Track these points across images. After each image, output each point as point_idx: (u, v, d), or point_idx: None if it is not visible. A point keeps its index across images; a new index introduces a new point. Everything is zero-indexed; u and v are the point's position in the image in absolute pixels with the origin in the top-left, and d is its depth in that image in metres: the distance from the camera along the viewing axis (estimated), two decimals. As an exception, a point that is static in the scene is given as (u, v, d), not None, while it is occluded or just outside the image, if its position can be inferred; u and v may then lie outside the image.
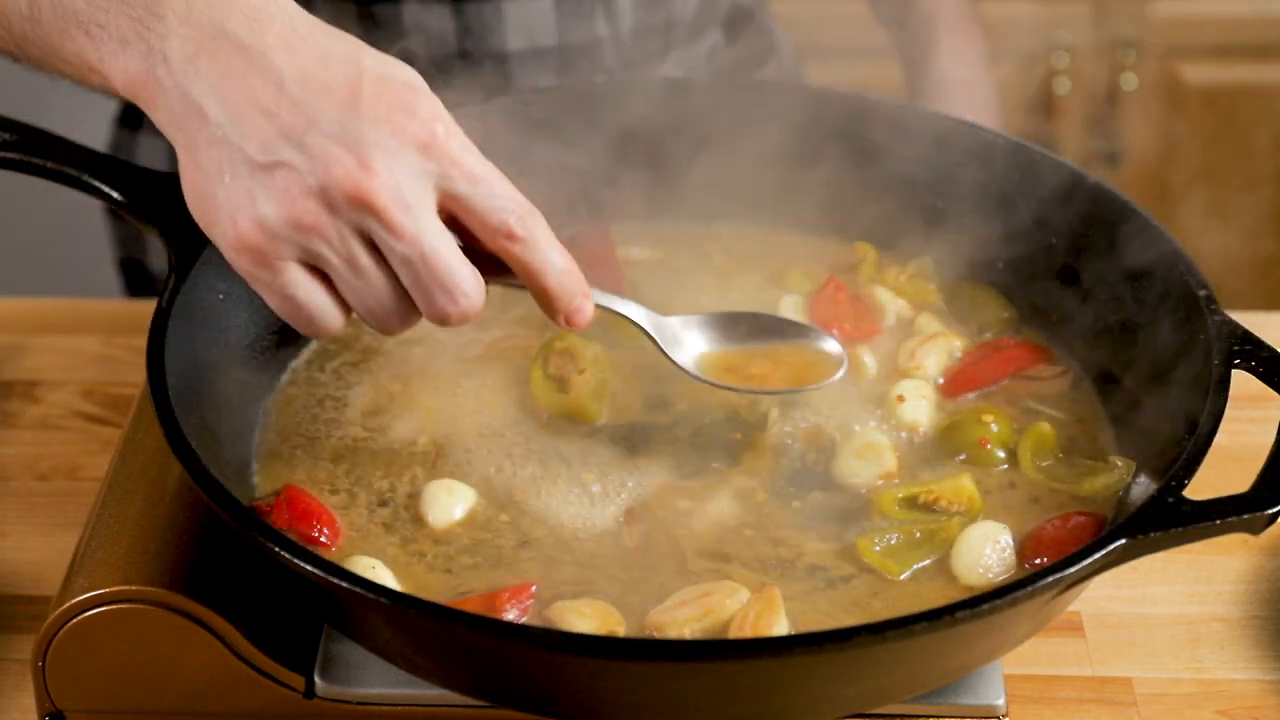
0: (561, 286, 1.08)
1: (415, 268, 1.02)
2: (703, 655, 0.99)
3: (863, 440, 1.20)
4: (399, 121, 1.01)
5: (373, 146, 1.00)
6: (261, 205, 1.00)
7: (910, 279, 1.35)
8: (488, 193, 1.03)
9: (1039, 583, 0.99)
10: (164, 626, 1.11)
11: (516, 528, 1.16)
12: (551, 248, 1.07)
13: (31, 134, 1.28)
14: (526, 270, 1.06)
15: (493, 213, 1.04)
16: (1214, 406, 1.10)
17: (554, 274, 1.07)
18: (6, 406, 1.46)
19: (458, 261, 1.03)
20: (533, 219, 1.05)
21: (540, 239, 1.06)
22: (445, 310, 1.04)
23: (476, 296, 1.04)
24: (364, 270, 1.03)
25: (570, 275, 1.08)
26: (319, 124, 1.00)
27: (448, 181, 1.02)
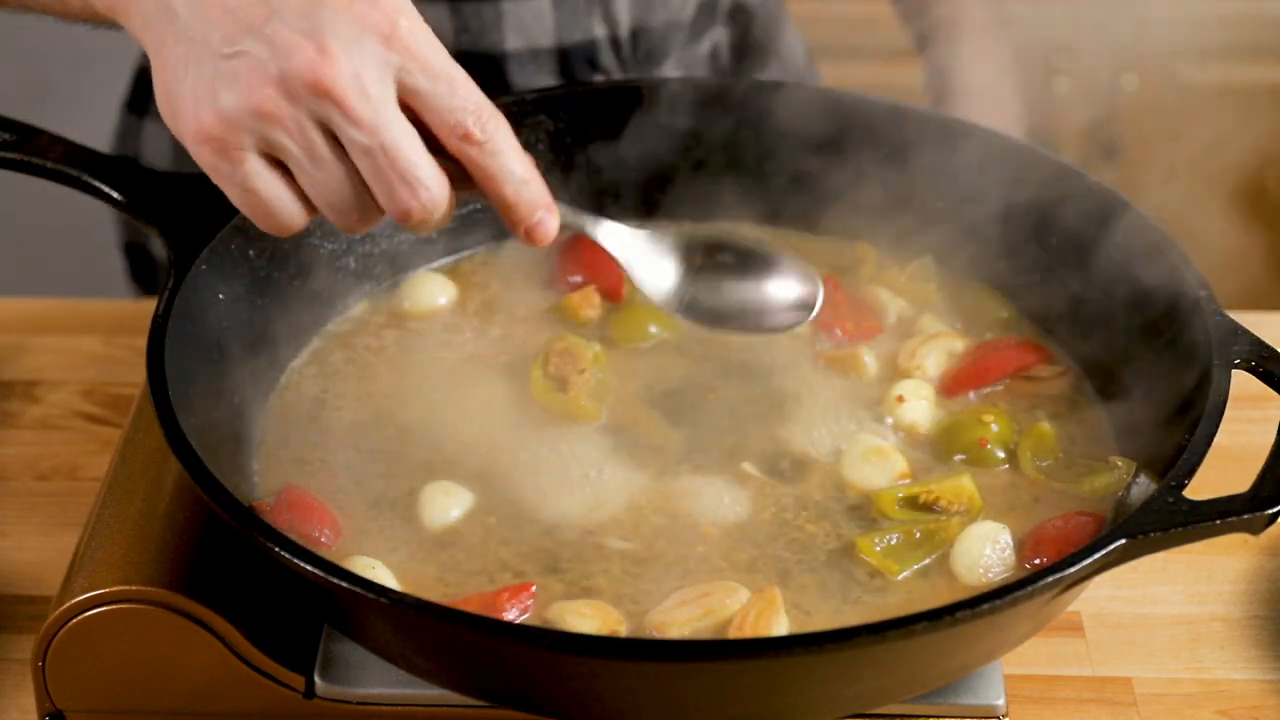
0: (519, 196, 1.05)
1: (375, 158, 1.01)
2: (703, 655, 0.99)
3: (869, 444, 1.20)
4: (360, 11, 1.00)
5: (332, 35, 0.99)
6: (222, 95, 1.00)
7: (910, 279, 1.35)
8: (447, 90, 1.02)
9: (1039, 583, 0.99)
10: (164, 626, 1.11)
11: (516, 528, 1.16)
12: (512, 154, 1.04)
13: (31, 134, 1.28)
14: (484, 176, 1.04)
15: (451, 111, 1.02)
16: (1214, 407, 1.10)
17: (513, 182, 1.04)
18: (6, 406, 1.46)
19: (418, 153, 1.01)
20: (494, 122, 1.03)
21: (500, 143, 1.03)
22: (406, 204, 1.02)
23: (438, 191, 1.02)
24: (323, 161, 1.01)
25: (531, 185, 1.05)
26: (280, 14, 1.00)
27: (407, 74, 1.01)
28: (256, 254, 1.26)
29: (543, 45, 1.60)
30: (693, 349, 1.30)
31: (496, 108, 1.03)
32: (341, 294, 1.34)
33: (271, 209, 1.04)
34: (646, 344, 1.30)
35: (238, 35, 1.00)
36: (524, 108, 1.37)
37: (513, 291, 1.36)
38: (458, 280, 1.37)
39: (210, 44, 1.00)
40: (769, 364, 1.29)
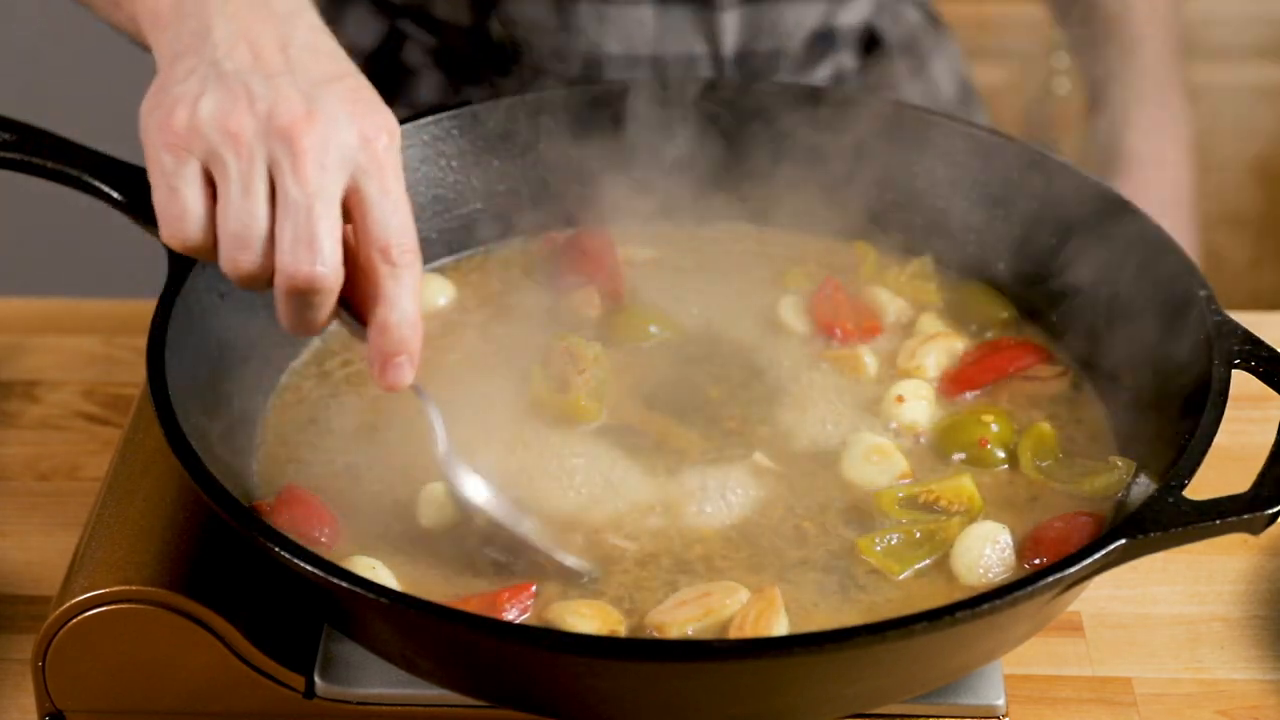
0: (398, 330, 1.07)
1: (297, 214, 1.04)
2: (703, 655, 0.99)
3: (869, 444, 1.20)
4: (360, 111, 1.07)
5: (324, 109, 1.05)
6: (204, 104, 1.05)
7: (910, 279, 1.35)
8: (390, 208, 1.07)
9: (1039, 583, 0.99)
10: (164, 626, 1.11)
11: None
12: (411, 294, 1.07)
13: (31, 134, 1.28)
14: (380, 295, 1.07)
15: (382, 227, 1.06)
16: (1214, 406, 1.10)
17: (397, 313, 1.07)
18: (6, 406, 1.46)
19: (332, 236, 1.05)
20: (412, 258, 1.07)
21: (407, 278, 1.07)
22: (299, 265, 1.05)
23: (332, 273, 1.05)
24: (253, 194, 1.05)
25: (411, 329, 1.07)
26: (293, 74, 1.07)
27: (364, 177, 1.06)
28: (256, 254, 1.26)
29: (642, 53, 1.61)
30: (693, 349, 1.30)
31: (416, 247, 1.08)
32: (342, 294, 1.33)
33: (184, 215, 1.07)
34: (646, 344, 1.30)
35: (249, 71, 1.07)
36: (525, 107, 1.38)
37: (513, 292, 1.36)
38: (457, 280, 1.37)
39: (221, 67, 1.07)
40: (769, 364, 1.29)
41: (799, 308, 1.33)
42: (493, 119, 1.38)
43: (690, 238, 1.41)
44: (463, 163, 1.38)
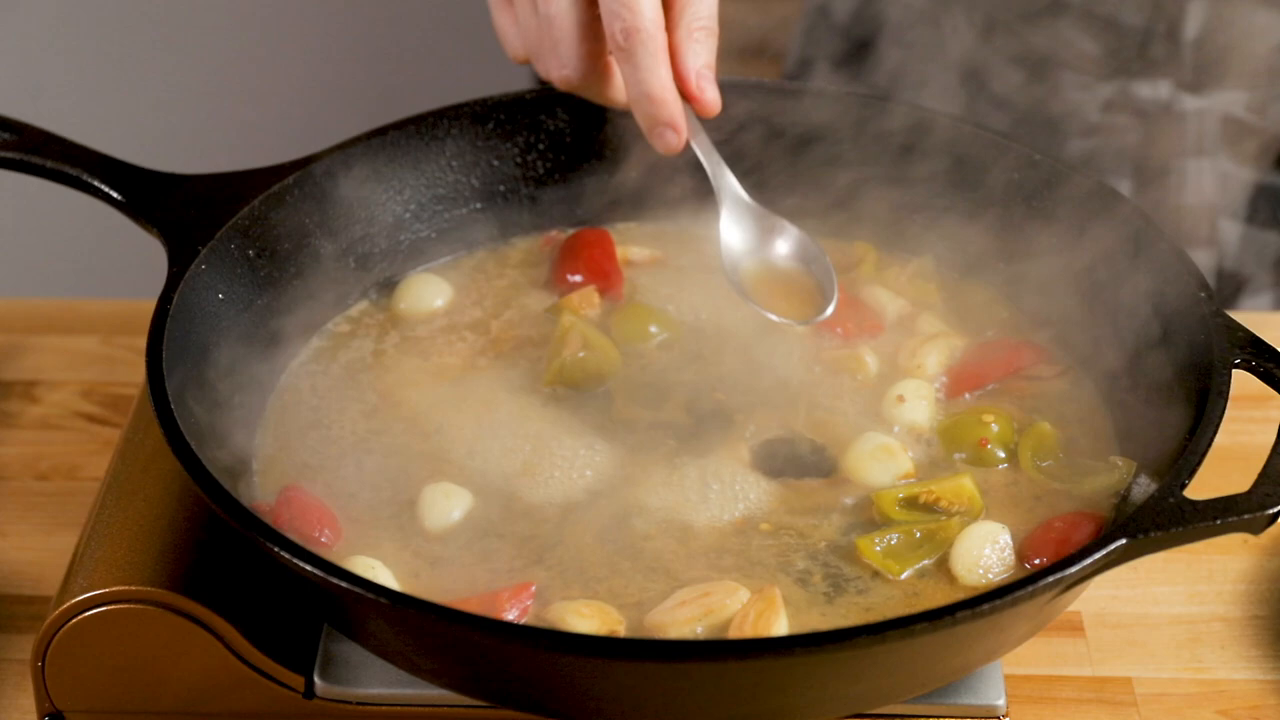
0: (639, 109, 1.15)
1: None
2: (703, 655, 0.99)
3: (875, 443, 1.20)
4: None
5: None
6: None
7: (910, 279, 1.35)
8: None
9: (1039, 583, 0.99)
10: (164, 626, 1.11)
11: (516, 528, 1.16)
12: (640, 74, 1.14)
13: (31, 134, 1.28)
14: (625, 81, 1.15)
15: (610, 15, 1.14)
16: (1214, 406, 1.10)
17: (633, 94, 1.15)
18: (6, 406, 1.46)
19: (569, 39, 1.16)
20: (638, 39, 1.13)
21: (640, 59, 1.13)
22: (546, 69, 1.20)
23: (575, 75, 1.18)
24: None
25: (650, 104, 1.15)
26: None
27: None
28: (256, 254, 1.26)
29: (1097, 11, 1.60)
30: (693, 348, 1.30)
31: (654, 27, 1.14)
32: (341, 294, 1.34)
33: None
34: (647, 344, 1.30)
35: None
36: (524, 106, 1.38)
37: (512, 291, 1.36)
38: (457, 280, 1.37)
39: None
40: (770, 363, 1.29)
41: (799, 308, 1.33)
42: (492, 119, 1.38)
43: (690, 238, 1.41)
44: (462, 162, 1.38)
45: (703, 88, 1.17)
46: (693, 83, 1.17)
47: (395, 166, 1.36)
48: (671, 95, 1.16)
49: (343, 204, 1.33)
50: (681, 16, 1.16)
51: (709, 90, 1.17)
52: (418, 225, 1.38)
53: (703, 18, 1.17)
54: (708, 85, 1.17)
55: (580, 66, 1.18)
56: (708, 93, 1.17)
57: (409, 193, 1.37)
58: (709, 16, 1.17)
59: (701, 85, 1.17)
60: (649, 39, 1.13)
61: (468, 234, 1.40)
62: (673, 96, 1.16)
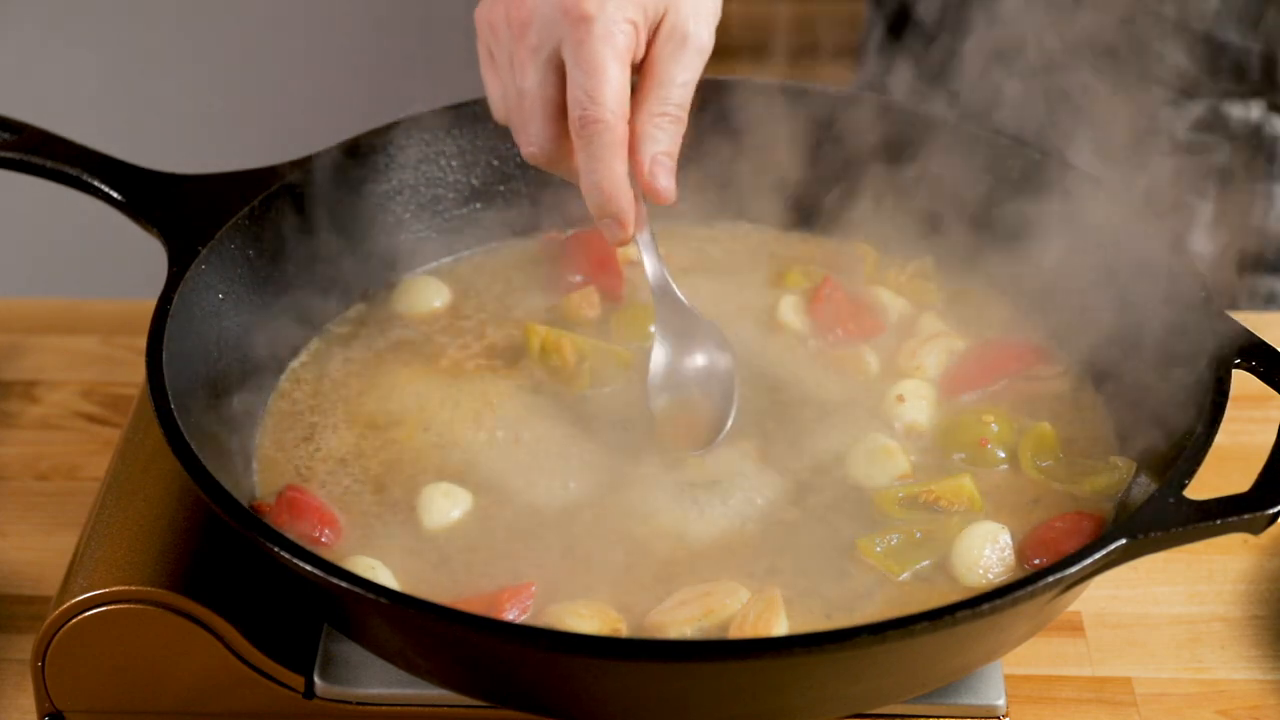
0: (590, 199, 1.13)
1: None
2: (703, 655, 0.99)
3: (874, 443, 1.20)
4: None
5: None
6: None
7: (910, 279, 1.35)
8: (579, 78, 1.10)
9: (1039, 583, 0.99)
10: (164, 626, 1.11)
11: (515, 528, 1.16)
12: (595, 164, 1.11)
13: (31, 134, 1.28)
14: (579, 167, 1.13)
15: (573, 101, 1.11)
16: (1214, 407, 1.10)
17: (586, 184, 1.12)
18: (6, 406, 1.46)
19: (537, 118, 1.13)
20: (595, 129, 1.10)
21: (591, 150, 1.11)
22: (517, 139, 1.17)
23: (538, 151, 1.15)
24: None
25: (599, 196, 1.12)
26: None
27: (563, 48, 1.11)
28: (256, 254, 1.26)
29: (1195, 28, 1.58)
30: (693, 349, 1.30)
31: (614, 119, 1.10)
32: (341, 294, 1.34)
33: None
34: (647, 344, 1.30)
35: None
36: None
37: (512, 291, 1.36)
38: (456, 281, 1.37)
39: None
40: (771, 364, 1.29)
41: (799, 308, 1.33)
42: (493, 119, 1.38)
43: (690, 238, 1.41)
44: (462, 162, 1.38)
45: (656, 175, 1.12)
46: (646, 169, 1.13)
47: (395, 166, 1.36)
48: (622, 189, 1.12)
49: (342, 204, 1.33)
50: (647, 101, 1.13)
51: (662, 179, 1.13)
52: (417, 225, 1.38)
53: (671, 104, 1.13)
54: (662, 174, 1.13)
55: (546, 146, 1.15)
56: (660, 180, 1.13)
57: (409, 193, 1.37)
58: (677, 104, 1.14)
59: (655, 173, 1.12)
60: (606, 130, 1.10)
61: (468, 234, 1.40)
62: (623, 191, 1.12)
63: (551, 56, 1.11)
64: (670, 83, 1.13)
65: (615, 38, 1.09)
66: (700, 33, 1.14)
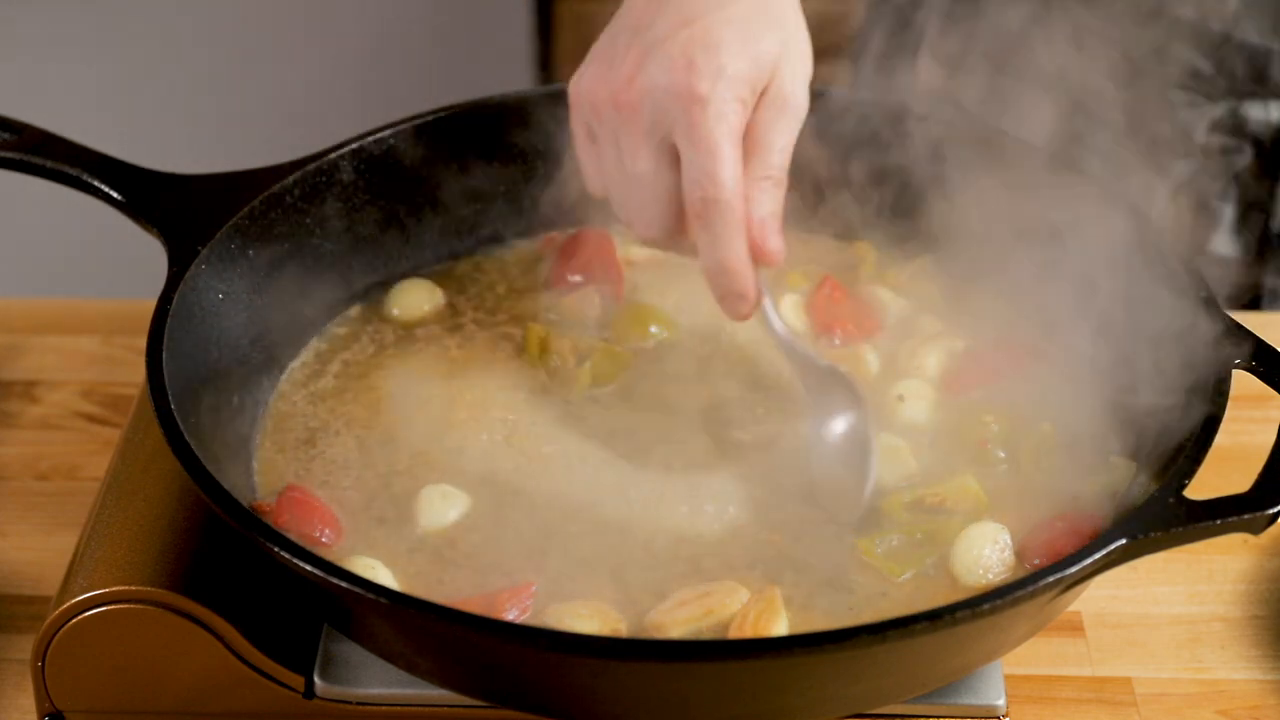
0: (712, 280, 1.14)
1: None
2: (703, 655, 0.99)
3: (885, 442, 1.20)
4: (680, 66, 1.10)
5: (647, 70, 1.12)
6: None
7: (910, 279, 1.35)
8: (694, 161, 1.10)
9: (1039, 583, 0.99)
10: (164, 626, 1.11)
11: (515, 528, 1.16)
12: (715, 244, 1.12)
13: (31, 134, 1.28)
14: (700, 248, 1.13)
15: (687, 181, 1.10)
16: (1214, 407, 1.10)
17: (707, 265, 1.13)
18: (6, 406, 1.46)
19: (639, 198, 1.13)
20: (716, 210, 1.10)
21: (712, 231, 1.11)
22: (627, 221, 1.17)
23: (645, 231, 1.15)
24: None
25: (722, 275, 1.13)
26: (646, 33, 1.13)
27: (675, 130, 1.10)
28: (256, 254, 1.26)
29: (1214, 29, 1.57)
30: (695, 349, 1.30)
31: (734, 199, 1.11)
32: (342, 295, 1.34)
33: None
34: (647, 344, 1.30)
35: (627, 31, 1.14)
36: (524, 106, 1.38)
37: (512, 292, 1.36)
38: (456, 281, 1.37)
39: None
40: (772, 364, 1.29)
41: (799, 308, 1.33)
42: (493, 119, 1.38)
43: (690, 238, 1.41)
44: (463, 163, 1.38)
45: (766, 237, 1.13)
46: (757, 234, 1.13)
47: (395, 167, 1.36)
48: (745, 267, 1.13)
49: (342, 204, 1.33)
50: (750, 166, 1.13)
51: (772, 240, 1.14)
52: (418, 225, 1.38)
53: (773, 168, 1.14)
54: (771, 236, 1.14)
55: (664, 228, 1.15)
56: (770, 242, 1.14)
57: (409, 193, 1.37)
58: (779, 167, 1.14)
59: (765, 235, 1.13)
60: (728, 210, 1.11)
61: (468, 234, 1.40)
62: (746, 268, 1.13)
63: (664, 140, 1.11)
64: (772, 148, 1.14)
65: (728, 117, 1.10)
66: (799, 95, 1.15)
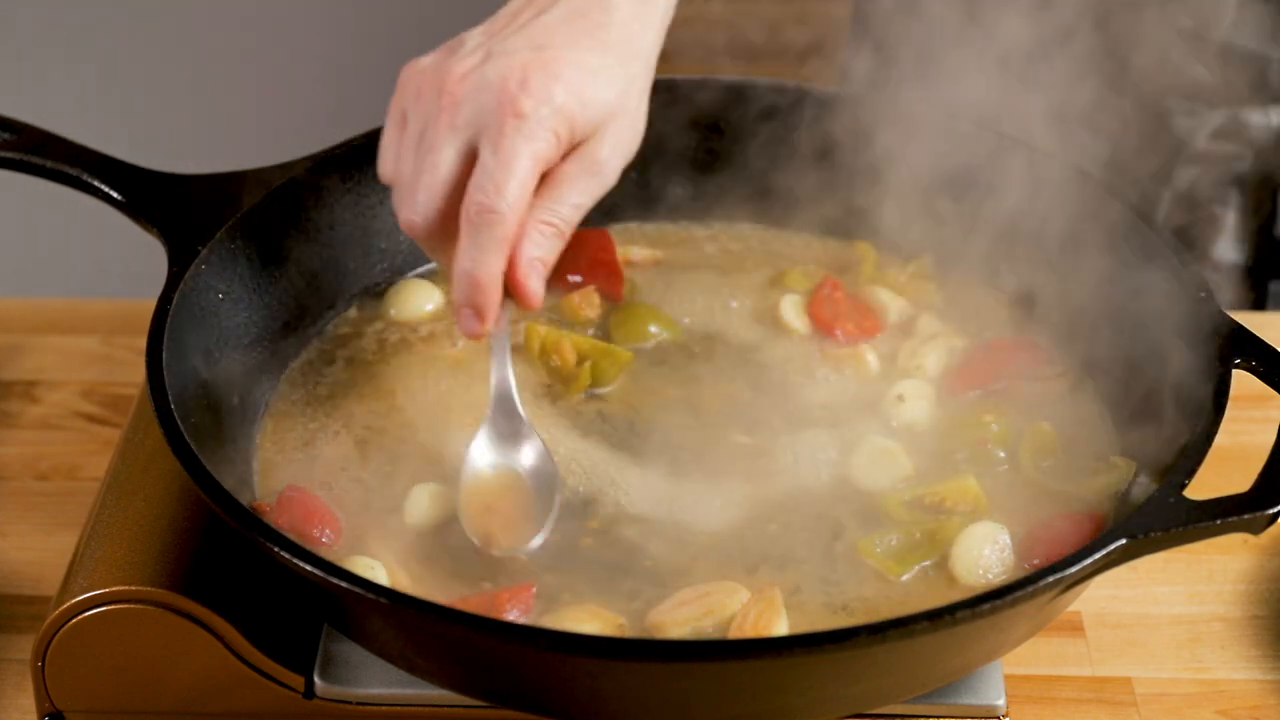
0: (458, 283, 1.11)
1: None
2: (703, 655, 0.99)
3: (876, 446, 1.20)
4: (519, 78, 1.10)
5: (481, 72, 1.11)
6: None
7: (910, 279, 1.35)
8: (486, 170, 1.08)
9: (1039, 583, 0.99)
10: (164, 626, 1.11)
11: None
12: (476, 252, 1.09)
13: (31, 134, 1.28)
14: (459, 251, 1.11)
15: (474, 185, 1.09)
16: (1214, 406, 1.10)
17: (459, 269, 1.10)
18: (6, 406, 1.46)
19: (427, 191, 1.11)
20: (488, 219, 1.08)
21: (476, 238, 1.09)
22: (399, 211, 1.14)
23: (420, 220, 1.12)
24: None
25: (469, 284, 1.10)
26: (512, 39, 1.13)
27: (485, 134, 1.09)
28: (256, 254, 1.26)
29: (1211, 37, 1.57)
30: (694, 349, 1.30)
31: (509, 215, 1.09)
32: (341, 295, 1.34)
33: None
34: (647, 344, 1.31)
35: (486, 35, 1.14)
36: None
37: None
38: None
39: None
40: (771, 364, 1.29)
41: (799, 308, 1.33)
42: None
43: (690, 238, 1.41)
44: (463, 163, 1.38)
45: (530, 276, 1.11)
46: (521, 270, 1.11)
47: (395, 166, 1.36)
48: (494, 285, 1.11)
49: (343, 204, 1.33)
50: (538, 208, 1.12)
51: (533, 282, 1.11)
52: (418, 225, 1.37)
53: (558, 218, 1.12)
54: (535, 277, 1.12)
55: (430, 219, 1.12)
56: (531, 283, 1.11)
57: (409, 193, 1.37)
58: (565, 220, 1.13)
59: (528, 274, 1.11)
60: (499, 223, 1.09)
61: (468, 234, 1.39)
62: (495, 287, 1.11)
63: (470, 141, 1.10)
64: (565, 200, 1.12)
65: (537, 142, 1.09)
66: (610, 167, 1.14)
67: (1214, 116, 1.60)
